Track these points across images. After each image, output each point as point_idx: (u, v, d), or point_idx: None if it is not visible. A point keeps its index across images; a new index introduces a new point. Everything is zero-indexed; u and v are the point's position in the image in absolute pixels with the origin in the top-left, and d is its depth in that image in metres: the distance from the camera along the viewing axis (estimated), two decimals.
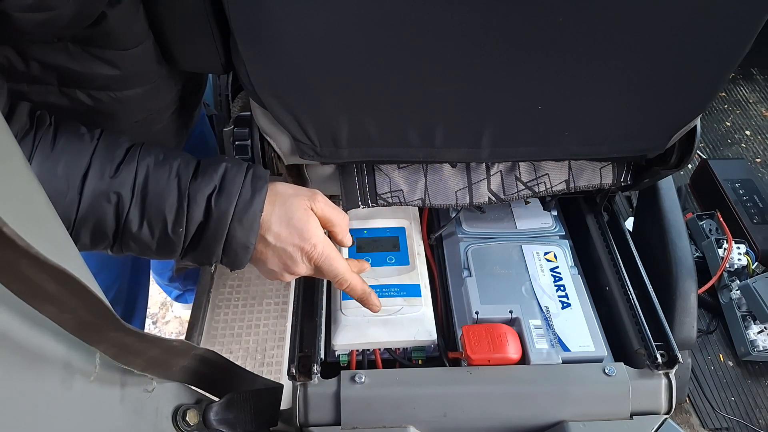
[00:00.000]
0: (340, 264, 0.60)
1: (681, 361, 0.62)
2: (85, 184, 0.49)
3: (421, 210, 0.86)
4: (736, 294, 1.19)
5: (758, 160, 1.61)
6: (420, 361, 0.72)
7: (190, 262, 0.56)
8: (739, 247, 1.22)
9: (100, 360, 0.33)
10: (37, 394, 0.27)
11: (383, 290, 0.73)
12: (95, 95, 0.57)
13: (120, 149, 0.52)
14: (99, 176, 0.50)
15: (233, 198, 0.53)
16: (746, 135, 1.69)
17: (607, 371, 0.61)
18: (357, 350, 0.70)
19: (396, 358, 0.71)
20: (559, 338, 0.67)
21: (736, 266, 1.22)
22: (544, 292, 0.72)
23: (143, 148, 0.53)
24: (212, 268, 0.89)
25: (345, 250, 0.78)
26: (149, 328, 1.72)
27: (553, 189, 0.75)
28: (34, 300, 0.25)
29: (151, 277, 1.48)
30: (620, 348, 0.70)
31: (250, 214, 0.53)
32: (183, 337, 0.80)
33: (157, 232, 0.52)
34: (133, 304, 1.14)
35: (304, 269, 0.59)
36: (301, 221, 0.56)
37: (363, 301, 0.64)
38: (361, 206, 0.74)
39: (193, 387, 0.50)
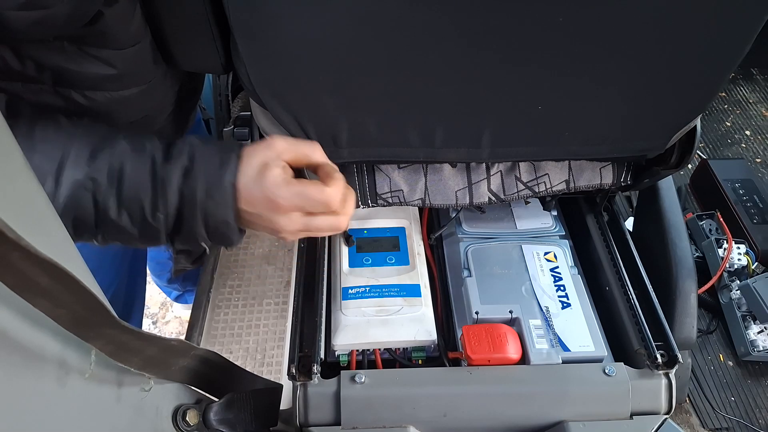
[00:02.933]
0: (321, 194, 0.54)
1: (681, 361, 0.62)
2: (63, 174, 0.48)
3: (421, 210, 0.86)
4: (736, 294, 1.19)
5: (758, 160, 1.61)
6: (420, 361, 0.72)
7: (180, 247, 0.54)
8: (739, 247, 1.22)
9: (95, 358, 0.33)
10: (32, 391, 0.27)
11: (383, 290, 0.73)
12: (90, 95, 0.56)
13: (96, 135, 0.51)
14: (75, 164, 0.49)
15: (200, 175, 0.51)
16: (746, 135, 1.69)
17: (607, 371, 0.61)
18: (357, 350, 0.70)
19: (396, 358, 0.71)
20: (559, 338, 0.67)
21: (736, 266, 1.22)
22: (544, 292, 0.72)
23: (120, 133, 0.52)
24: (212, 268, 0.89)
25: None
26: (149, 328, 1.71)
27: (553, 189, 0.75)
28: (27, 294, 0.25)
29: (150, 278, 1.48)
30: (620, 348, 0.70)
31: (221, 188, 0.51)
32: (183, 337, 0.80)
33: (136, 218, 0.51)
34: (130, 306, 1.13)
35: (292, 224, 0.55)
36: (273, 187, 0.53)
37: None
38: (361, 206, 0.74)
39: (193, 387, 0.50)
